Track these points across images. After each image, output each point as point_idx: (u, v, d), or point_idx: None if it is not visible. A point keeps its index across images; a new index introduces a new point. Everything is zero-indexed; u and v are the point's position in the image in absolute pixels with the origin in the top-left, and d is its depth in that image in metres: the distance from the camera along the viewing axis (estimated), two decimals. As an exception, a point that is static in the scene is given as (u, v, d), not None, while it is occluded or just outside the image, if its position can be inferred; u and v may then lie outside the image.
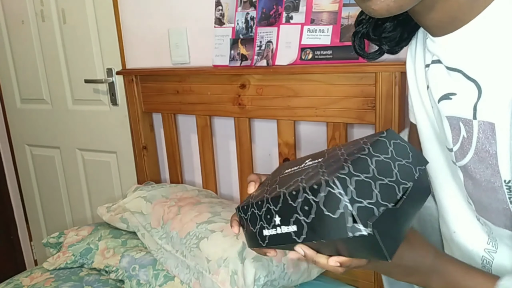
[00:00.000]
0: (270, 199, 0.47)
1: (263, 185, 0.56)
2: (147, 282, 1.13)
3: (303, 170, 0.49)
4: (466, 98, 0.48)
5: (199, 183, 1.52)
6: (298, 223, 0.44)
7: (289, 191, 0.44)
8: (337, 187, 0.39)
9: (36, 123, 1.96)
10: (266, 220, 0.48)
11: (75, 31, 1.68)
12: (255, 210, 0.50)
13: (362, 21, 0.60)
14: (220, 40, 1.29)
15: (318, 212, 0.41)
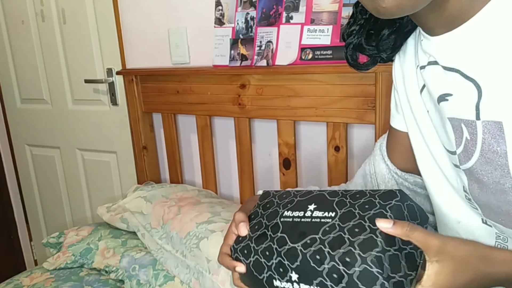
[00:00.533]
0: (283, 253, 0.49)
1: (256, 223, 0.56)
2: (147, 282, 1.13)
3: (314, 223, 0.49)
4: (465, 99, 0.47)
5: (199, 183, 1.52)
6: (323, 286, 0.45)
7: (310, 253, 0.46)
8: (375, 267, 0.41)
9: (36, 123, 1.96)
10: (278, 273, 0.49)
11: (75, 31, 1.68)
12: (260, 258, 0.51)
13: (352, 32, 0.59)
14: (220, 40, 1.29)
15: (351, 284, 0.43)
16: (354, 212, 0.47)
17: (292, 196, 0.57)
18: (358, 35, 0.59)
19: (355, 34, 0.59)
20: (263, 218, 0.56)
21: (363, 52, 0.60)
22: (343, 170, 1.14)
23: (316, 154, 1.24)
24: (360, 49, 0.60)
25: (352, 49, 0.60)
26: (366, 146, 1.15)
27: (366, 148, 1.16)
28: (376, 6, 0.43)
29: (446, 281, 0.41)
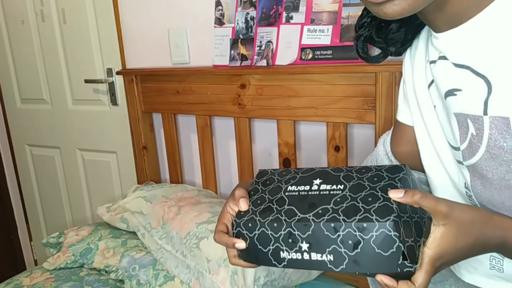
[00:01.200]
0: (293, 224, 0.49)
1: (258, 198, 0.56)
2: (147, 282, 1.13)
3: (323, 195, 0.51)
4: (474, 95, 0.47)
5: (199, 183, 1.52)
6: (337, 254, 0.47)
7: (324, 221, 0.47)
8: (393, 230, 0.44)
9: (36, 123, 1.96)
10: (286, 244, 0.50)
11: (75, 31, 1.68)
12: (267, 230, 0.51)
13: (364, 24, 0.60)
14: (220, 40, 1.29)
15: (367, 248, 0.45)
16: (363, 184, 0.49)
17: (293, 173, 0.57)
18: (369, 27, 0.59)
19: (366, 26, 0.59)
20: (264, 193, 0.56)
21: (374, 44, 0.61)
22: (343, 170, 1.14)
23: (316, 154, 1.25)
24: (371, 41, 0.60)
25: (362, 41, 0.60)
26: (366, 146, 1.15)
27: (366, 148, 1.16)
28: (377, 10, 0.45)
29: (450, 242, 0.44)
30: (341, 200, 0.49)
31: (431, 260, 0.44)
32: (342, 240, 0.46)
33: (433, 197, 0.44)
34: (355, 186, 0.50)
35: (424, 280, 0.44)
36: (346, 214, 0.47)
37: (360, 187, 0.49)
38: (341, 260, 0.47)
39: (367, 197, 0.47)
